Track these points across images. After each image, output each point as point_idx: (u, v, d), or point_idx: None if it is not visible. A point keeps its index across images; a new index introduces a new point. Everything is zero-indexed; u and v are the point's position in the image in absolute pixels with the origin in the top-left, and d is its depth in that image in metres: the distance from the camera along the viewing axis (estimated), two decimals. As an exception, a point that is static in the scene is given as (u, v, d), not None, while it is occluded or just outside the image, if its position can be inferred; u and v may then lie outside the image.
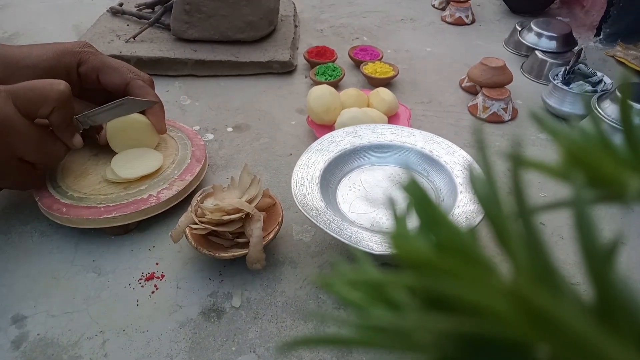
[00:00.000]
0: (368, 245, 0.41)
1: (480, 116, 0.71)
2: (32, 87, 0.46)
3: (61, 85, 0.47)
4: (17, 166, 0.47)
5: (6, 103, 0.44)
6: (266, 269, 0.47)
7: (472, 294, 0.08)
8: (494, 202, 0.09)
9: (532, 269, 0.09)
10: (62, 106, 0.47)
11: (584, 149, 0.10)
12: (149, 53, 0.79)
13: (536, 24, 0.88)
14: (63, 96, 0.47)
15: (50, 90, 0.46)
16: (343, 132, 0.56)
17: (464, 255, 0.09)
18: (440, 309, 0.09)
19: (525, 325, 0.08)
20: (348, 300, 0.10)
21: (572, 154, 0.10)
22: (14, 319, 0.43)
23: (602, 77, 0.72)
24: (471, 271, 0.09)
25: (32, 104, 0.46)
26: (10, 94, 0.45)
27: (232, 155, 0.63)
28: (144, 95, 0.55)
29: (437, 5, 1.11)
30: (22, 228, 0.52)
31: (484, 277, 0.09)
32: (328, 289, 0.10)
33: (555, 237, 0.52)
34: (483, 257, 0.09)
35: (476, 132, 0.10)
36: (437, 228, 0.09)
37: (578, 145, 0.10)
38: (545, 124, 0.11)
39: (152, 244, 0.50)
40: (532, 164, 0.10)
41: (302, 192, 0.47)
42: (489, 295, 0.08)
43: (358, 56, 0.83)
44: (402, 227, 0.10)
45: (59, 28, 0.98)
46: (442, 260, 0.09)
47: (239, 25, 0.81)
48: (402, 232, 0.10)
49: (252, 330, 0.42)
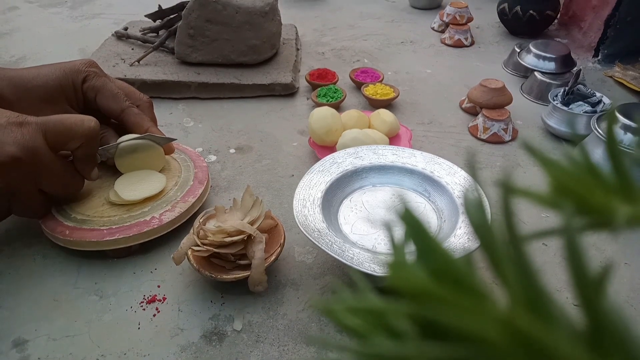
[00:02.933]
0: (370, 267, 0.41)
1: (480, 137, 0.72)
2: (63, 121, 0.47)
3: (92, 122, 0.48)
4: (35, 196, 0.48)
5: (37, 135, 0.45)
6: (268, 291, 0.47)
7: (467, 323, 0.08)
8: (486, 230, 0.10)
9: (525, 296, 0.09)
10: (89, 142, 0.49)
11: (572, 177, 0.10)
12: (153, 76, 0.80)
13: (535, 45, 0.89)
14: (93, 133, 0.48)
15: (81, 126, 0.47)
16: (344, 153, 0.56)
17: (459, 283, 0.09)
18: (437, 337, 0.09)
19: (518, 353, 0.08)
20: (348, 327, 0.10)
21: (560, 183, 0.10)
22: (14, 343, 0.42)
23: (601, 97, 0.73)
24: (465, 300, 0.09)
25: (62, 137, 0.47)
26: (40, 126, 0.45)
27: (235, 176, 0.64)
28: (140, 122, 0.56)
29: (436, 28, 1.12)
30: (25, 251, 0.52)
31: (478, 305, 0.09)
32: (328, 315, 0.10)
33: (558, 259, 0.51)
34: (478, 285, 0.10)
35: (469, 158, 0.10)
36: (432, 257, 0.10)
37: (566, 174, 0.10)
38: (534, 153, 0.11)
39: (154, 266, 0.50)
40: (522, 192, 0.10)
41: (304, 214, 0.47)
42: (482, 324, 0.09)
43: (359, 78, 0.84)
44: (399, 255, 0.11)
45: (64, 52, 1.00)
46: (437, 289, 0.09)
47: (242, 48, 0.83)
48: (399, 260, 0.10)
49: (253, 354, 0.42)
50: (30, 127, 0.45)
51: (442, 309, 0.09)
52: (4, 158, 0.43)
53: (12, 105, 0.50)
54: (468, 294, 0.09)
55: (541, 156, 0.11)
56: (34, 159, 0.45)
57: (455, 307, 0.09)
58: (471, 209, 0.10)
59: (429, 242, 0.10)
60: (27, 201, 0.48)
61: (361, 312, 0.10)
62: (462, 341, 0.09)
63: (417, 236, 0.10)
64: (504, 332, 0.09)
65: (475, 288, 0.10)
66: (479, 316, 0.09)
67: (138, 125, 0.56)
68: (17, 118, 0.45)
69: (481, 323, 0.09)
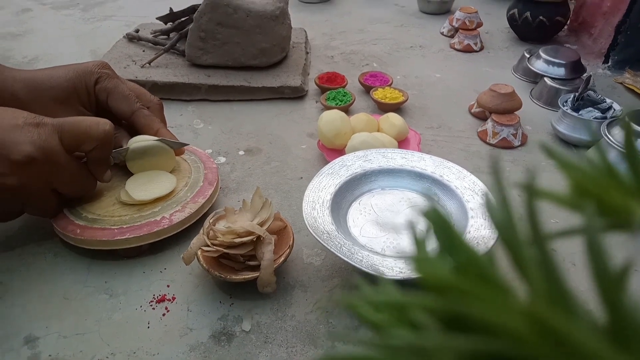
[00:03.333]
0: (379, 270, 0.42)
1: (489, 142, 0.72)
2: (78, 124, 0.48)
3: (107, 125, 0.49)
4: (48, 196, 0.49)
5: (52, 136, 0.46)
6: (276, 293, 0.47)
7: (493, 315, 0.09)
8: (509, 228, 0.10)
9: (548, 291, 0.09)
10: (103, 145, 0.49)
11: (591, 179, 0.10)
12: (163, 78, 0.81)
13: (545, 51, 0.89)
14: (108, 136, 0.49)
15: (96, 129, 0.48)
16: (354, 156, 0.57)
17: (483, 277, 0.10)
18: (457, 331, 0.09)
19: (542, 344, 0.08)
20: (371, 321, 0.11)
21: (580, 185, 0.10)
22: (26, 340, 0.43)
23: (611, 103, 0.72)
24: (490, 293, 0.09)
25: (77, 139, 0.47)
26: (56, 127, 0.46)
27: (244, 178, 0.64)
28: (150, 123, 0.56)
29: (445, 32, 1.12)
30: (36, 249, 0.53)
31: (502, 298, 0.09)
32: (351, 309, 0.10)
33: (567, 264, 0.51)
34: (500, 280, 0.10)
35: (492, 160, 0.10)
36: (456, 252, 0.10)
37: (586, 176, 0.10)
38: (554, 155, 0.11)
39: (163, 266, 0.51)
40: (544, 194, 0.10)
41: (313, 216, 0.48)
42: (508, 316, 0.09)
43: (368, 82, 0.85)
44: (423, 250, 0.11)
45: (76, 53, 1.01)
46: (463, 283, 0.09)
47: (252, 52, 0.83)
48: (423, 255, 0.11)
49: (262, 355, 0.42)
50: (47, 128, 0.45)
51: (468, 302, 0.09)
52: (20, 157, 0.43)
53: (26, 106, 0.51)
54: (491, 287, 0.09)
55: (560, 159, 0.11)
56: (48, 159, 0.45)
57: (481, 300, 0.09)
58: (493, 208, 0.10)
59: (454, 238, 0.10)
60: (40, 201, 0.49)
61: (384, 306, 0.11)
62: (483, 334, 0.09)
63: (442, 232, 0.10)
64: (530, 325, 0.09)
65: (498, 282, 0.10)
66: (504, 309, 0.09)
67: (148, 127, 0.56)
68: (34, 119, 0.45)
69: (507, 316, 0.09)
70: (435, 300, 0.09)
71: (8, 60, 0.98)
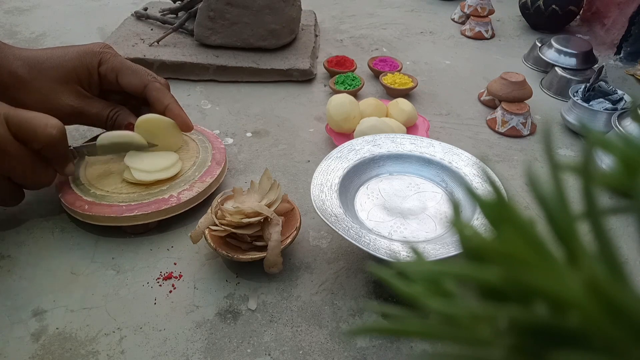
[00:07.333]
0: (386, 253, 0.42)
1: (498, 130, 0.71)
2: (28, 120, 0.46)
3: (54, 129, 0.46)
4: (3, 184, 0.48)
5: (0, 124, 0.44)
6: (282, 274, 0.47)
7: (551, 284, 0.09)
8: (559, 202, 0.10)
9: (604, 264, 0.09)
10: (51, 148, 0.47)
11: (637, 157, 0.10)
12: (172, 57, 0.81)
13: (556, 40, 0.88)
14: (53, 140, 0.47)
15: (42, 132, 0.46)
16: (362, 141, 0.56)
17: (539, 249, 0.10)
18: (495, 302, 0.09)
19: (600, 314, 0.08)
20: (407, 293, 0.10)
21: (629, 161, 0.10)
22: (34, 312, 0.43)
23: (622, 95, 0.72)
24: (549, 263, 0.09)
25: (23, 134, 0.46)
26: (5, 116, 0.45)
27: (251, 160, 0.64)
28: (162, 98, 0.56)
29: (456, 19, 1.11)
30: (44, 223, 0.53)
31: (557, 269, 0.09)
32: (386, 282, 0.10)
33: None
34: (552, 252, 0.10)
35: (545, 134, 0.10)
36: (511, 224, 0.10)
37: (631, 155, 0.10)
38: (594, 137, 0.11)
39: (170, 244, 0.51)
40: (599, 178, 0.10)
41: (321, 199, 0.48)
42: (566, 286, 0.09)
43: (377, 67, 0.84)
44: (463, 223, 0.11)
45: (84, 30, 1.01)
46: (523, 253, 0.09)
47: (261, 33, 0.82)
48: (467, 226, 0.10)
49: (267, 333, 0.42)
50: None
51: (527, 271, 0.09)
52: None
53: (26, 84, 0.51)
54: (549, 259, 0.09)
55: (601, 139, 0.11)
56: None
57: (539, 269, 0.09)
58: (537, 182, 0.10)
59: (508, 210, 0.10)
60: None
61: (420, 278, 0.11)
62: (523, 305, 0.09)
63: (497, 203, 0.10)
64: (585, 294, 0.09)
65: (554, 255, 0.10)
66: (558, 278, 0.09)
67: (159, 101, 0.55)
68: None
69: (565, 285, 0.09)
70: (483, 270, 0.09)
71: (15, 35, 0.98)
